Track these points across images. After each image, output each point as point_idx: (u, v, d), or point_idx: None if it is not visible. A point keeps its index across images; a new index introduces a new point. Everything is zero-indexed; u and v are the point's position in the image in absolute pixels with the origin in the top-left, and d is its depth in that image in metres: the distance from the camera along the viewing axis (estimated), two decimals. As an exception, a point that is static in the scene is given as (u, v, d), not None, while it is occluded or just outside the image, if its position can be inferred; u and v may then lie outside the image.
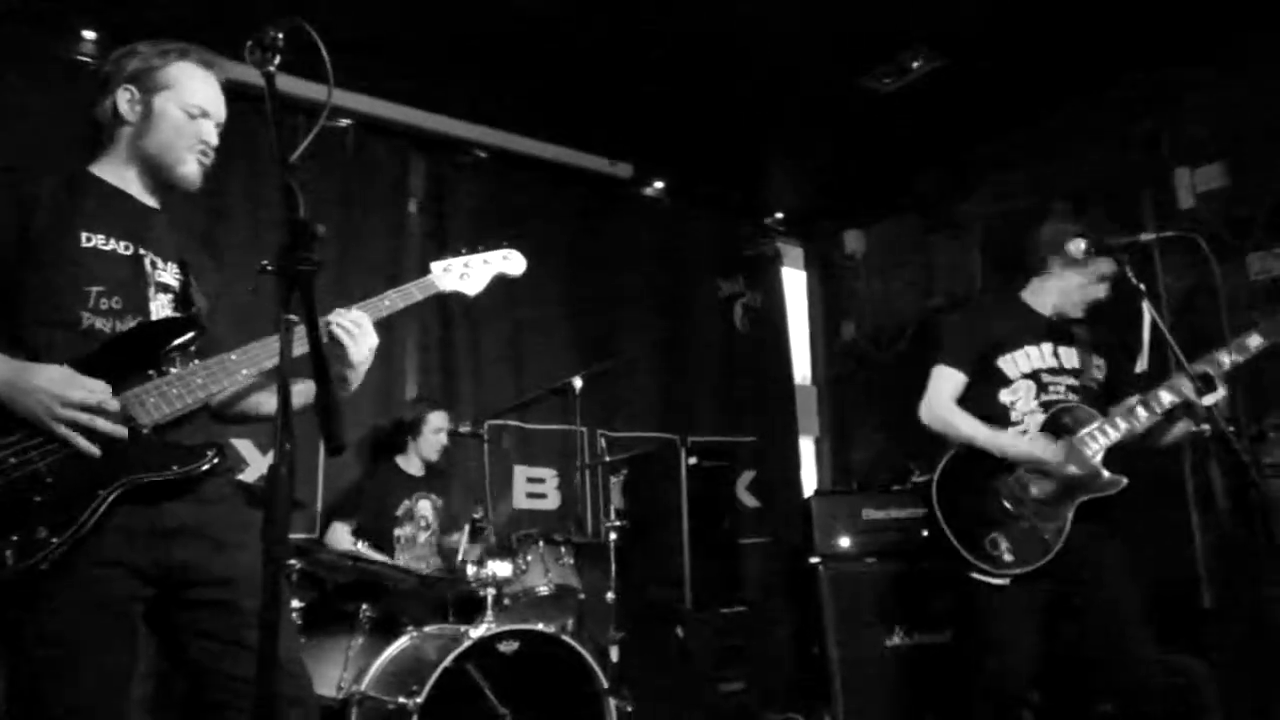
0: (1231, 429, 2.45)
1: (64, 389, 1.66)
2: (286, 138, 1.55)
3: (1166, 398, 2.75)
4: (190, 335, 1.87)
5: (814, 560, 4.52)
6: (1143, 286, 2.55)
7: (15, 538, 1.59)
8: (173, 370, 1.82)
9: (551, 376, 4.68)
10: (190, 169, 1.97)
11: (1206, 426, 2.72)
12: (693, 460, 4.73)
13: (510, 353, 5.19)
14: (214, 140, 2.00)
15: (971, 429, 2.89)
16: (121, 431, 1.70)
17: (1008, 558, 2.78)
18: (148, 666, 2.90)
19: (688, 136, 5.27)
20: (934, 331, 5.75)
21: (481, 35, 4.24)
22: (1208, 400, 2.59)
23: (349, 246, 4.66)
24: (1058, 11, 4.11)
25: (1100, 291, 2.94)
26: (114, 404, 1.70)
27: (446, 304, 4.90)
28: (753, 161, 5.79)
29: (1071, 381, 2.95)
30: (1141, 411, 2.80)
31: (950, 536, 2.82)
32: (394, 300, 2.10)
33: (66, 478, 1.66)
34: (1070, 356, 2.98)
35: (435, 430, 4.29)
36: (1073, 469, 2.80)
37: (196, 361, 1.88)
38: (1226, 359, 2.71)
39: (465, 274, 2.26)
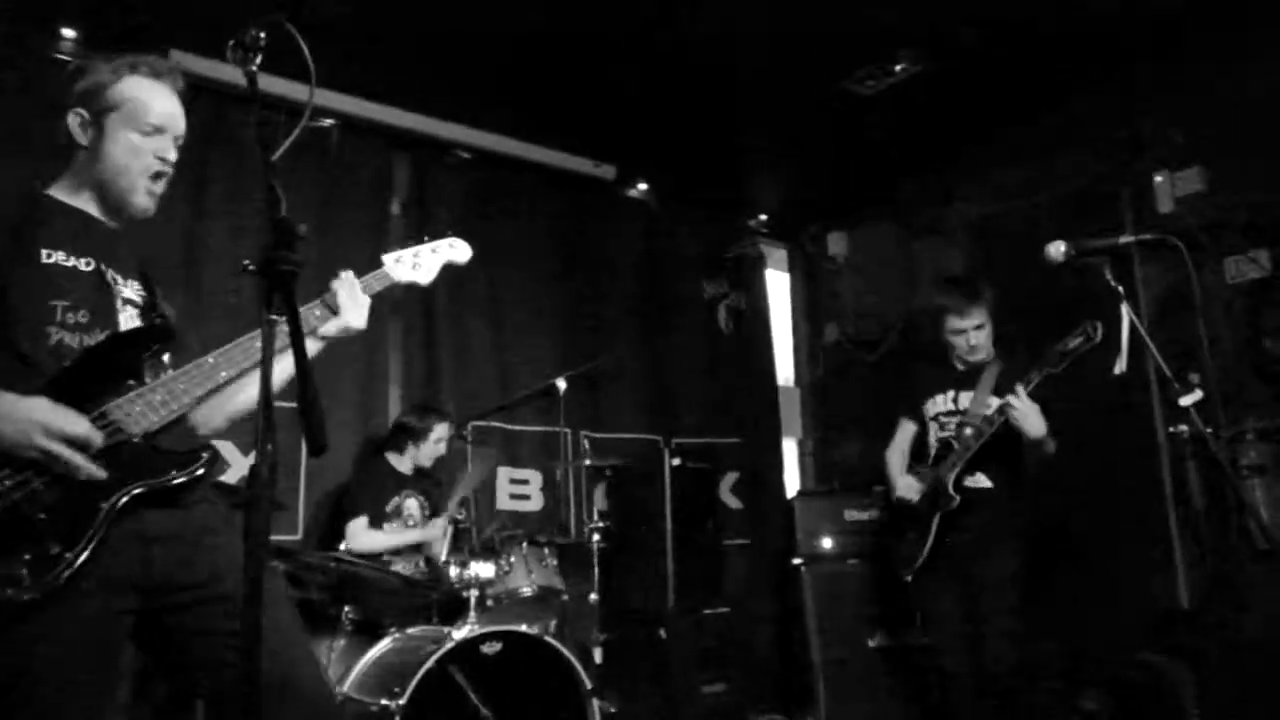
0: (1209, 430, 2.47)
1: (47, 418, 1.63)
2: (269, 137, 1.54)
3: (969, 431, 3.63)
4: (163, 343, 1.87)
5: (797, 561, 4.55)
6: (1121, 289, 2.57)
7: (28, 556, 1.59)
8: (150, 379, 1.81)
9: (536, 378, 4.68)
10: (141, 199, 1.92)
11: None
12: (676, 461, 4.74)
13: (494, 354, 5.17)
14: (171, 156, 1.94)
15: (889, 467, 4.01)
16: (98, 475, 1.67)
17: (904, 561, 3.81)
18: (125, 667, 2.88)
19: (672, 138, 5.27)
20: (917, 334, 5.80)
21: (465, 36, 4.23)
22: (1185, 401, 2.61)
23: (331, 246, 4.64)
24: (1039, 17, 4.14)
25: (966, 342, 3.77)
26: (98, 437, 1.68)
27: (431, 305, 4.88)
28: (736, 163, 5.80)
29: (960, 418, 3.73)
30: (968, 431, 3.63)
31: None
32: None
33: (67, 494, 1.65)
34: (966, 399, 3.76)
35: (438, 440, 4.29)
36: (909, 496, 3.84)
37: (170, 373, 1.86)
38: (1037, 374, 3.39)
39: (417, 264, 2.26)
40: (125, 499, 1.69)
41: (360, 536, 4.00)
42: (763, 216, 6.59)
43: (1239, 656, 3.80)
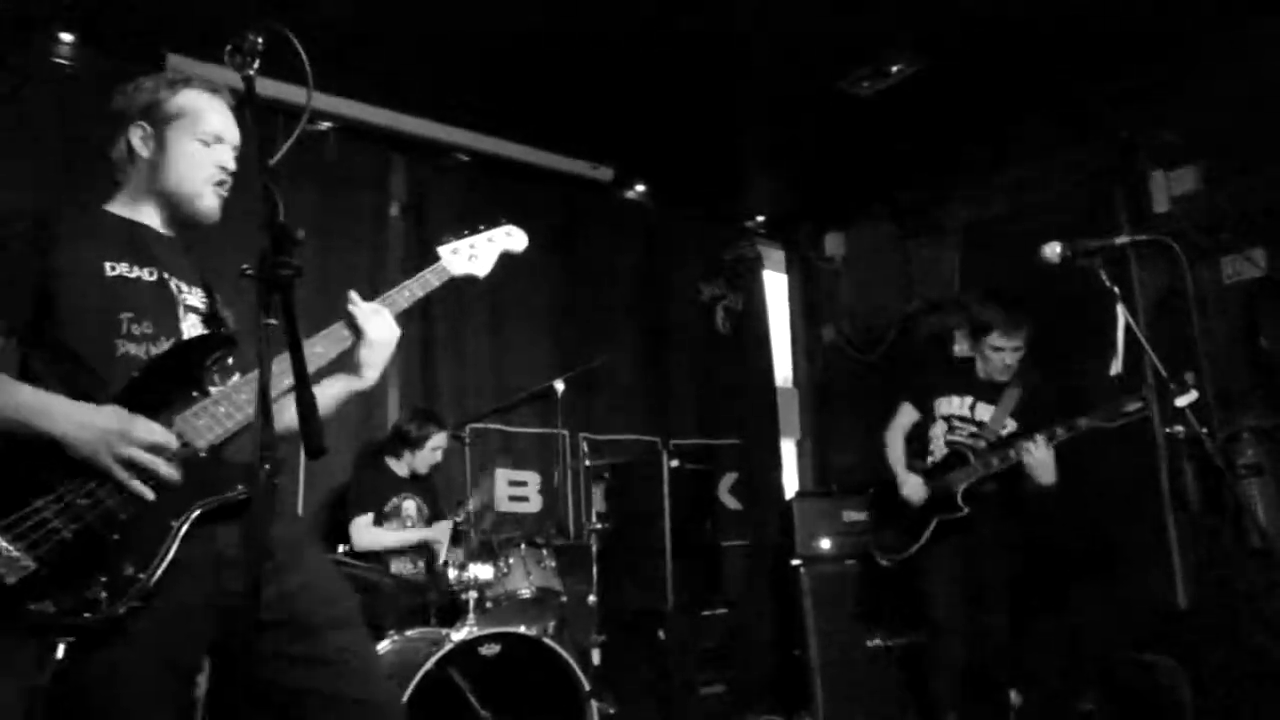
0: (1205, 431, 2.47)
1: (128, 425, 1.61)
2: (265, 141, 1.55)
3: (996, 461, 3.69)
4: (225, 351, 1.83)
5: (795, 562, 4.55)
6: (1117, 290, 2.57)
7: (104, 578, 1.55)
8: (214, 389, 1.78)
9: (534, 379, 4.68)
10: (209, 203, 1.93)
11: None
12: (674, 463, 4.74)
13: (492, 356, 5.18)
14: (231, 165, 1.94)
15: (889, 459, 4.04)
16: (176, 478, 1.65)
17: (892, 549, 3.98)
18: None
19: (669, 140, 5.28)
20: (914, 335, 5.81)
21: (463, 38, 4.24)
22: (1180, 402, 2.61)
23: (330, 249, 4.65)
24: (1035, 18, 4.15)
25: (1003, 360, 3.80)
26: (175, 445, 1.66)
27: (429, 306, 4.89)
28: (733, 165, 5.81)
29: (974, 429, 3.84)
30: (995, 461, 3.69)
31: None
32: (413, 290, 2.06)
33: (139, 513, 1.61)
34: (986, 412, 3.84)
35: (434, 448, 4.30)
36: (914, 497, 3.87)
37: (237, 377, 1.84)
38: (1060, 430, 3.51)
39: (473, 255, 2.22)
40: (196, 514, 1.66)
41: (365, 533, 4.02)
42: (760, 218, 6.60)
43: (1235, 657, 3.81)
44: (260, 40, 1.56)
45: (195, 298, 1.91)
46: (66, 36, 3.98)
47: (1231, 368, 4.24)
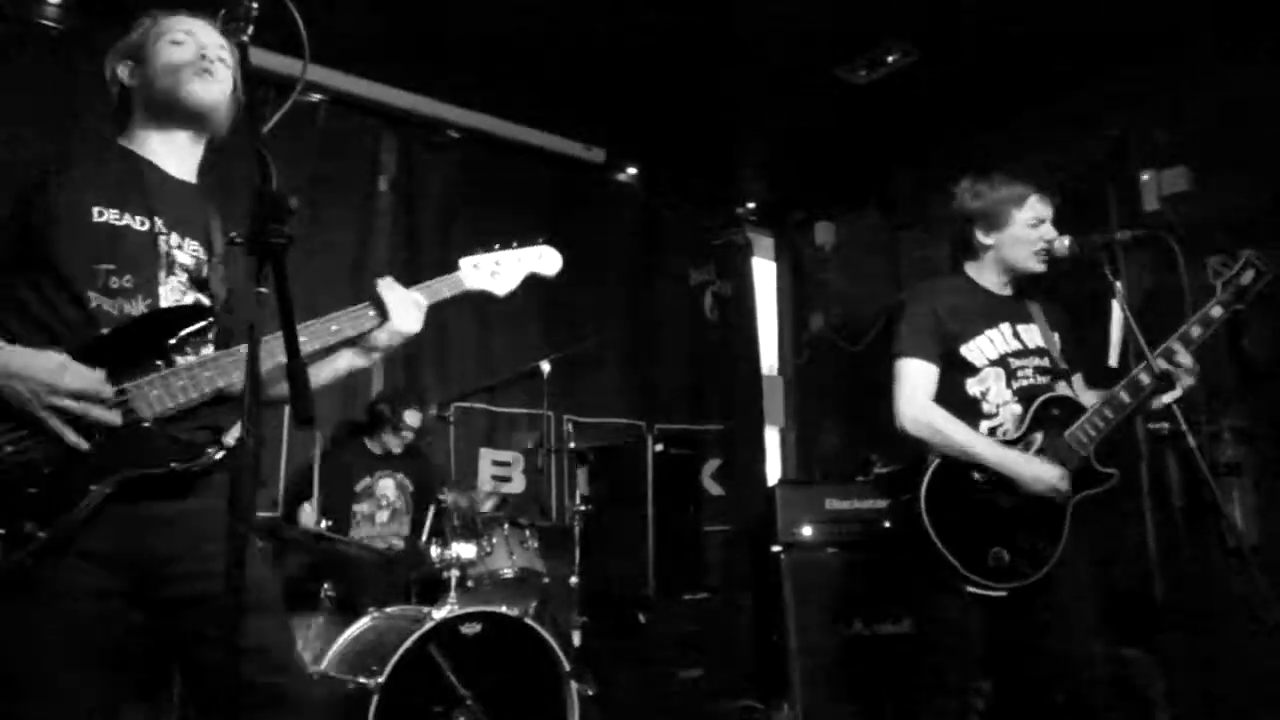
0: (1185, 427, 2.48)
1: (57, 377, 1.60)
2: (257, 111, 1.52)
3: (1146, 379, 2.61)
4: (201, 325, 1.80)
5: (776, 549, 4.55)
6: (1119, 284, 2.57)
7: (2, 531, 1.54)
8: (181, 360, 1.75)
9: (520, 360, 4.67)
10: (194, 85, 1.88)
11: (1187, 387, 2.59)
12: (659, 447, 4.74)
13: (478, 335, 5.16)
14: (212, 53, 1.91)
15: (967, 438, 2.62)
16: (114, 419, 1.63)
17: (1011, 569, 2.57)
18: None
19: (662, 124, 5.26)
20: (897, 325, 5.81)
21: (457, 14, 4.20)
22: (1166, 398, 2.62)
23: (318, 221, 4.61)
24: (1030, 11, 4.15)
25: (1048, 234, 2.71)
26: (108, 391, 1.64)
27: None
28: (726, 151, 5.80)
29: (1039, 362, 2.73)
30: (1125, 397, 2.63)
31: (948, 555, 2.54)
32: (422, 297, 2.04)
33: (63, 470, 1.60)
34: (1032, 335, 2.76)
35: (409, 427, 4.30)
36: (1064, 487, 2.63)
37: (209, 351, 1.82)
38: (1196, 330, 2.63)
39: (496, 271, 2.17)
40: (115, 483, 1.64)
41: (305, 520, 3.92)
42: (751, 205, 6.59)
43: (1210, 651, 3.85)
44: (255, 5, 1.54)
45: (187, 253, 1.87)
46: (54, -1, 3.92)
47: (1214, 368, 4.27)
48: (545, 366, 4.25)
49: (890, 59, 4.56)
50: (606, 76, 4.73)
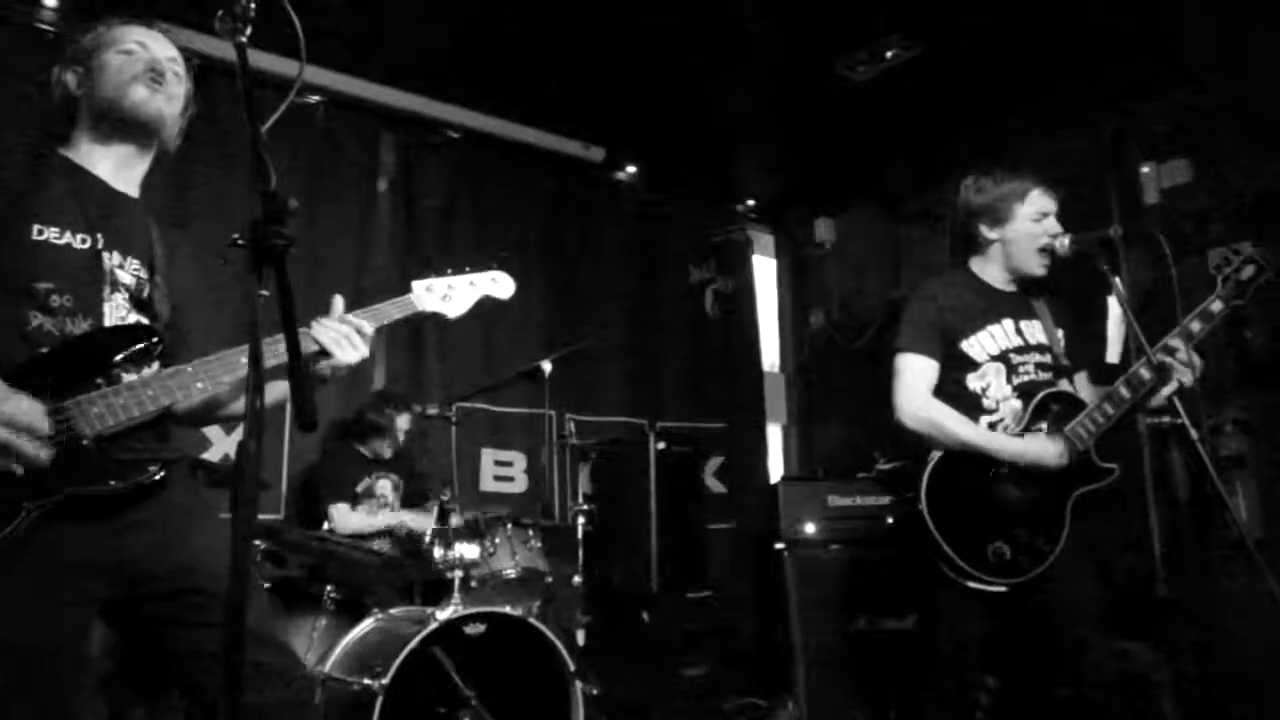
0: (1187, 420, 2.48)
1: None
2: (258, 108, 1.51)
3: (1146, 374, 2.61)
4: (143, 345, 1.80)
5: (779, 546, 4.55)
6: (1117, 280, 2.57)
7: None
8: (125, 378, 1.75)
9: (521, 359, 4.66)
10: (139, 94, 1.87)
11: (1188, 381, 2.59)
12: (661, 445, 4.74)
13: (479, 335, 5.15)
14: (162, 66, 1.91)
15: (966, 432, 2.62)
16: (43, 458, 1.60)
17: (1011, 565, 2.57)
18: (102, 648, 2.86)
19: (661, 122, 5.25)
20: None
21: (455, 14, 4.19)
22: (1166, 392, 2.61)
23: (317, 222, 4.60)
24: (1029, 6, 4.14)
25: (1052, 227, 2.71)
26: (43, 425, 1.61)
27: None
28: (725, 148, 5.79)
29: (1040, 359, 2.74)
30: (1125, 392, 2.64)
31: (948, 550, 2.55)
32: (370, 320, 2.01)
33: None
34: (1034, 331, 2.76)
35: (399, 431, 4.32)
36: (1064, 463, 2.63)
37: (153, 369, 1.81)
38: (1196, 325, 2.63)
39: (448, 295, 2.18)
40: (51, 502, 1.62)
41: (346, 519, 4.03)
42: (750, 202, 6.58)
43: (1214, 646, 3.84)
44: (252, 5, 1.53)
45: (128, 272, 1.87)
46: (50, 1, 3.91)
47: (1217, 360, 4.26)
48: (546, 366, 4.24)
49: (889, 55, 4.55)
50: (606, 75, 4.72)
